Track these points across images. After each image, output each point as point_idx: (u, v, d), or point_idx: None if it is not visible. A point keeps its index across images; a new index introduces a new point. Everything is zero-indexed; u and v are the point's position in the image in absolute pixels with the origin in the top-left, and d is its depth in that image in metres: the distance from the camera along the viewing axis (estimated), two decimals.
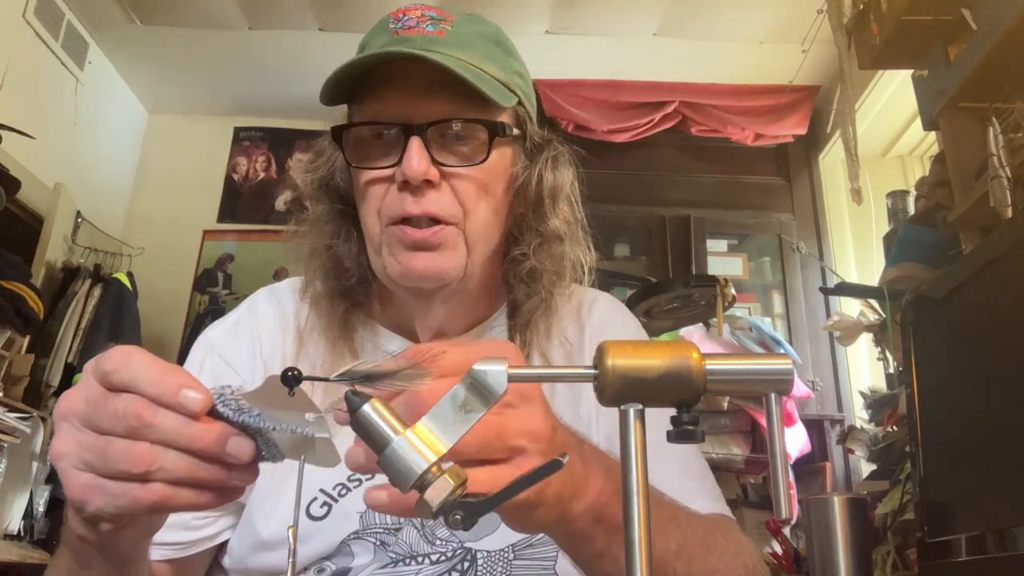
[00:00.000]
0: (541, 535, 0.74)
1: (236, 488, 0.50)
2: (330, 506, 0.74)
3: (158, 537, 0.61)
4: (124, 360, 0.48)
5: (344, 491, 0.75)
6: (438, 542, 0.74)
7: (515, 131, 0.80)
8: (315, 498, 0.75)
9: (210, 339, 0.86)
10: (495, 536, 0.75)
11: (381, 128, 0.76)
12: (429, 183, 0.74)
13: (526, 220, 0.83)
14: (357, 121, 0.78)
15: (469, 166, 0.76)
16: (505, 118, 0.79)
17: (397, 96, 0.75)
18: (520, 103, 0.81)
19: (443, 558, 0.74)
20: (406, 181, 0.73)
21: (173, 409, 0.46)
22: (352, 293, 0.84)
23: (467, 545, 0.75)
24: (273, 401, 0.47)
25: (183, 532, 0.75)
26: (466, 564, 0.74)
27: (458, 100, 0.74)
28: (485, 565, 0.74)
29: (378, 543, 0.74)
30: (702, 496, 0.78)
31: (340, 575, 0.73)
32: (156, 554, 0.74)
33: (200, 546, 0.76)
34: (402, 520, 0.75)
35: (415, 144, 0.73)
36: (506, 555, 0.75)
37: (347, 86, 0.77)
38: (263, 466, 0.50)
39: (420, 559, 0.74)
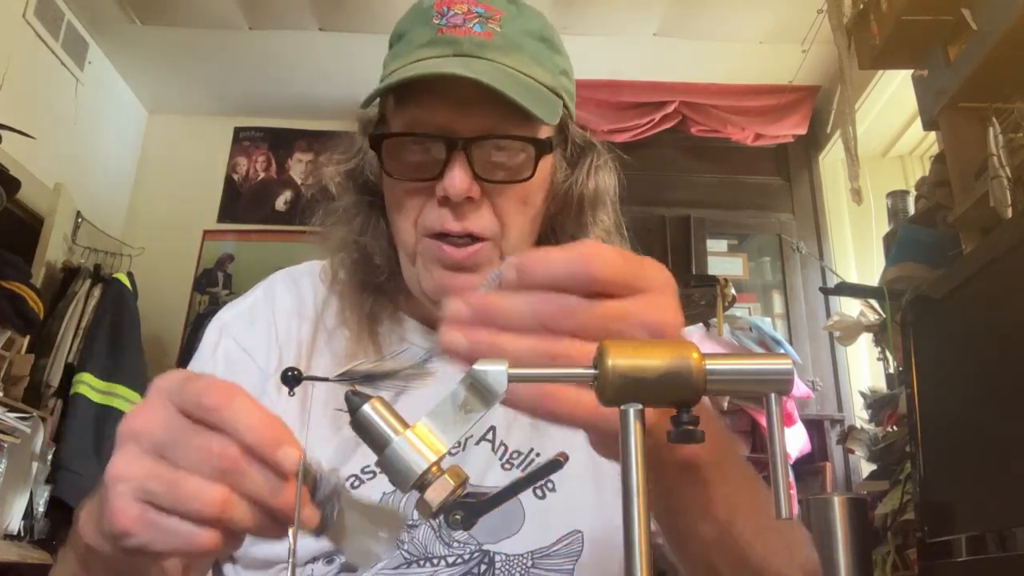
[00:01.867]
0: (559, 544, 0.73)
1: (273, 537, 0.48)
2: None
3: None
4: (227, 400, 0.44)
5: (357, 483, 0.73)
6: (455, 544, 0.72)
7: (558, 136, 0.78)
8: None
9: (225, 321, 0.84)
10: (514, 539, 0.73)
11: (422, 138, 0.73)
12: (470, 199, 0.71)
13: (563, 224, 0.81)
14: (396, 132, 0.74)
15: (513, 183, 0.73)
16: (549, 129, 0.77)
17: (440, 105, 0.71)
18: (564, 105, 0.78)
19: (459, 560, 0.72)
20: (446, 197, 0.71)
21: (267, 463, 0.44)
22: (380, 287, 0.82)
23: (485, 547, 0.72)
24: (362, 508, 0.48)
25: None
26: (483, 567, 0.72)
27: (503, 111, 0.70)
28: (503, 569, 0.72)
29: None
30: None
31: (349, 569, 0.71)
32: None
33: None
34: (417, 518, 0.72)
35: (458, 161, 0.70)
36: (524, 561, 0.73)
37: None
38: None
39: (435, 561, 0.72)
